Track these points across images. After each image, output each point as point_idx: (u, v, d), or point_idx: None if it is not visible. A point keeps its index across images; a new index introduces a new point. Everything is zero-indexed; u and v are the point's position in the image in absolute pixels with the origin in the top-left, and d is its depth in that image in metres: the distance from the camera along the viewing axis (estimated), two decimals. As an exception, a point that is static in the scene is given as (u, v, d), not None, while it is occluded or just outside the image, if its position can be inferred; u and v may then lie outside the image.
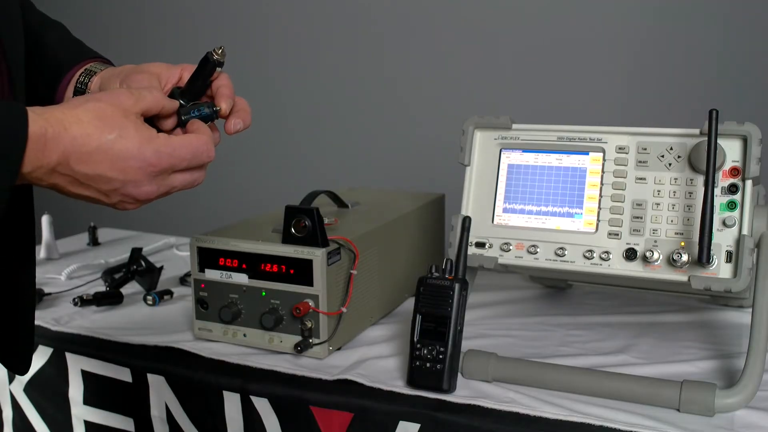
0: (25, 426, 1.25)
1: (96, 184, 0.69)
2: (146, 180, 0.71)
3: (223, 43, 0.90)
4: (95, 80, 0.89)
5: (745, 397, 0.88)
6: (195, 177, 0.76)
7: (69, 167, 0.66)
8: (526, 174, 1.06)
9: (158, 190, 0.73)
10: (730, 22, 2.10)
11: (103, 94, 0.72)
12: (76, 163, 0.67)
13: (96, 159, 0.67)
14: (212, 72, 0.84)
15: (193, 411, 1.08)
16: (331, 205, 1.36)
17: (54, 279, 1.52)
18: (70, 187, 0.69)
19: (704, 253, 0.90)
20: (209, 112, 0.81)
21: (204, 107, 0.81)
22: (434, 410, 0.93)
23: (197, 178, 0.77)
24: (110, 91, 0.74)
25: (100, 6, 3.03)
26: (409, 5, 2.49)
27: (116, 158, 0.68)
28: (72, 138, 0.66)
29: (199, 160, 0.75)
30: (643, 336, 1.15)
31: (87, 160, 0.67)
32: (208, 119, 0.81)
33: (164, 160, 0.71)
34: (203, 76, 0.84)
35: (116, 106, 0.70)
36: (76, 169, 0.67)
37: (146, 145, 0.70)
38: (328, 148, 2.71)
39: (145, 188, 0.71)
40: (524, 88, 2.34)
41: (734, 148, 0.95)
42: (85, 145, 0.66)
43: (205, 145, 0.75)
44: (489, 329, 1.19)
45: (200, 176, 0.77)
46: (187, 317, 1.26)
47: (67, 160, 0.66)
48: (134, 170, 0.69)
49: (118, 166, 0.68)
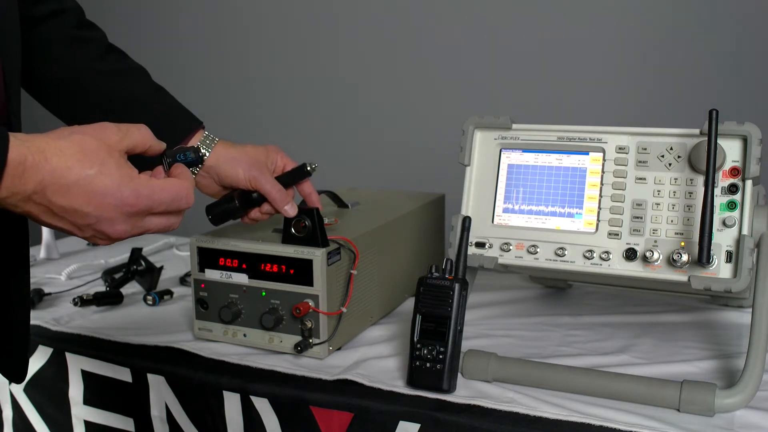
0: (25, 426, 1.25)
1: (71, 217, 0.68)
2: (121, 219, 0.70)
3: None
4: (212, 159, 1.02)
5: (745, 397, 0.88)
6: (171, 222, 0.75)
7: (45, 197, 0.66)
8: (526, 174, 1.06)
9: (131, 231, 0.72)
10: (730, 22, 2.10)
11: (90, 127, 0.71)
12: (53, 194, 0.66)
13: (73, 192, 0.66)
14: (303, 179, 1.09)
15: (193, 411, 1.08)
16: (331, 205, 1.36)
17: (54, 279, 1.52)
18: (43, 216, 0.68)
19: (704, 253, 0.90)
20: (194, 158, 0.80)
21: (190, 152, 0.80)
22: (434, 410, 0.93)
23: (173, 223, 0.76)
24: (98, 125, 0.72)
25: (99, 6, 3.03)
26: (409, 5, 2.49)
27: (93, 194, 0.67)
28: (52, 169, 0.65)
29: (177, 206, 0.74)
30: (643, 336, 1.15)
31: (64, 193, 0.66)
32: (192, 165, 0.81)
33: (142, 201, 0.70)
34: (294, 180, 1.09)
35: (101, 140, 0.69)
36: (52, 200, 0.66)
37: (126, 184, 0.69)
38: (328, 148, 2.70)
39: (119, 227, 0.71)
40: (524, 88, 2.34)
41: (734, 148, 0.95)
42: (64, 177, 0.66)
43: (185, 191, 0.74)
44: (489, 329, 1.19)
45: (176, 221, 0.76)
46: (187, 317, 1.26)
47: (43, 190, 0.65)
48: (110, 208, 0.69)
49: (94, 201, 0.68)
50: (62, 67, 1.00)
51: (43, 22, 0.98)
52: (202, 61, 2.81)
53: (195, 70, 2.80)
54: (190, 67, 2.81)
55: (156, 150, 0.77)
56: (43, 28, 0.98)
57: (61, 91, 1.00)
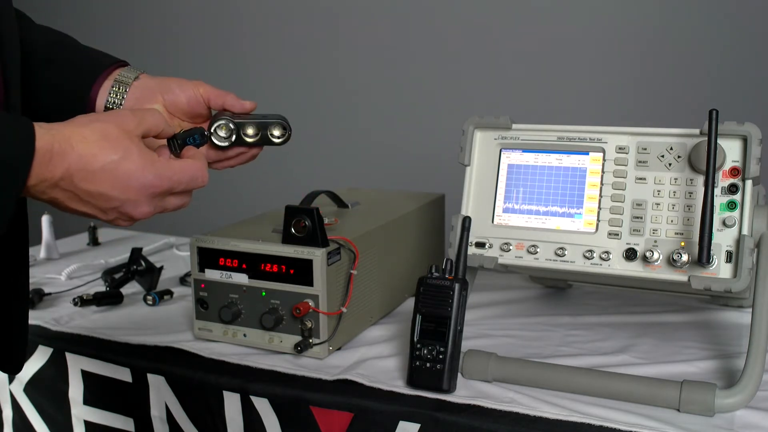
0: (25, 426, 1.25)
1: (96, 201, 0.71)
2: (145, 200, 0.74)
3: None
4: (131, 94, 0.94)
5: (745, 397, 0.88)
6: (185, 201, 0.80)
7: (72, 183, 0.69)
8: (526, 174, 1.06)
9: (153, 211, 0.76)
10: (730, 23, 2.10)
11: (107, 115, 0.76)
12: (80, 180, 0.69)
13: (99, 177, 0.70)
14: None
15: (193, 411, 1.08)
16: (331, 205, 1.36)
17: (54, 279, 1.52)
18: (68, 202, 0.71)
19: (704, 253, 0.90)
20: (200, 140, 0.85)
21: (197, 135, 0.85)
22: (434, 410, 0.93)
23: (187, 201, 0.81)
24: (114, 112, 0.77)
25: (98, 5, 3.03)
26: (409, 5, 2.49)
27: (119, 178, 0.71)
28: (78, 156, 0.68)
29: (195, 185, 0.79)
30: (643, 336, 1.15)
31: (91, 179, 0.69)
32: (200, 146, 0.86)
33: (164, 183, 0.74)
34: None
35: (121, 127, 0.73)
36: (79, 185, 0.69)
37: (149, 167, 0.73)
38: (328, 148, 2.71)
39: (143, 208, 0.74)
40: (524, 88, 2.34)
41: (734, 148, 0.95)
42: (90, 163, 0.69)
43: (201, 171, 0.79)
44: (489, 329, 1.19)
45: (189, 200, 0.81)
46: (187, 317, 1.26)
47: (71, 177, 0.68)
48: (135, 191, 0.72)
49: (120, 185, 0.71)
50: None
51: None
52: (200, 61, 2.81)
53: (194, 70, 2.80)
54: (189, 67, 2.81)
55: (167, 134, 0.81)
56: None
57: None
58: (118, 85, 0.94)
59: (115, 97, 0.94)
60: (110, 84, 0.94)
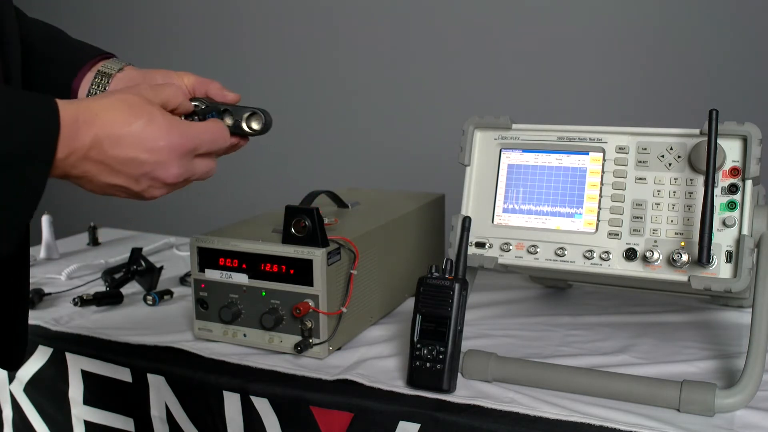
0: (25, 426, 1.25)
1: (127, 168, 0.72)
2: (174, 161, 0.75)
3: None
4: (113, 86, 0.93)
5: (745, 397, 0.88)
6: (211, 166, 0.81)
7: (102, 151, 0.69)
8: (526, 174, 1.06)
9: (183, 174, 0.77)
10: (730, 23, 2.10)
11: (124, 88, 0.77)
12: (110, 146, 0.69)
13: (127, 142, 0.70)
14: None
15: (193, 411, 1.08)
16: (331, 205, 1.36)
17: (54, 279, 1.52)
18: (100, 176, 0.71)
19: (704, 253, 0.90)
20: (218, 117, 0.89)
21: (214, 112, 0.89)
22: (434, 410, 0.93)
23: (212, 167, 0.82)
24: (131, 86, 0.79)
25: (98, 5, 3.03)
26: (409, 5, 2.49)
27: (147, 140, 0.72)
28: (103, 123, 0.69)
29: (218, 145, 0.81)
30: (643, 336, 1.15)
31: (120, 143, 0.70)
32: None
33: (189, 142, 0.76)
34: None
35: (140, 95, 0.74)
36: (109, 152, 0.69)
37: (174, 128, 0.74)
38: (328, 148, 2.71)
39: (173, 170, 0.75)
40: (524, 88, 2.34)
41: (734, 148, 0.95)
42: (117, 129, 0.70)
43: (222, 131, 0.82)
44: (489, 329, 1.19)
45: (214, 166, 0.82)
46: (187, 317, 1.26)
47: (100, 143, 0.68)
48: (164, 151, 0.73)
49: (148, 147, 0.72)
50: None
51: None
52: (200, 61, 2.81)
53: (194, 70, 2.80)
54: (189, 67, 2.80)
55: (185, 109, 0.83)
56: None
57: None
58: (101, 76, 0.93)
59: (97, 88, 0.92)
60: (92, 76, 0.93)
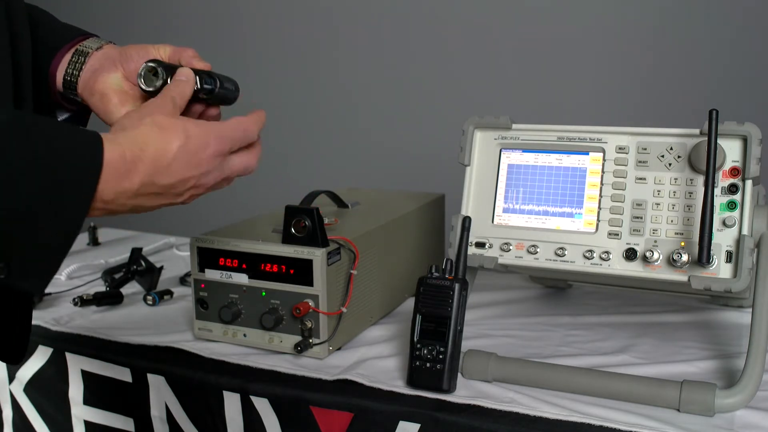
0: (25, 426, 1.25)
1: (174, 189, 0.73)
2: (215, 166, 0.75)
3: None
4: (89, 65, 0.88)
5: (745, 397, 0.88)
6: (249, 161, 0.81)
7: (153, 184, 0.69)
8: (526, 174, 1.06)
9: (222, 174, 0.77)
10: (730, 23, 2.10)
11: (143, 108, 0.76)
12: (160, 178, 0.70)
13: (175, 168, 0.71)
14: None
15: (193, 411, 1.08)
16: (331, 205, 1.36)
17: (54, 279, 1.51)
18: (149, 203, 0.72)
19: (704, 253, 0.90)
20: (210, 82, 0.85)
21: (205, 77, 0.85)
22: (434, 410, 0.93)
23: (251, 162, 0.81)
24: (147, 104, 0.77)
25: (98, 5, 3.03)
26: (409, 5, 2.49)
27: (192, 158, 0.72)
28: (151, 158, 0.69)
29: (249, 138, 0.80)
30: (643, 336, 1.15)
31: (169, 171, 0.70)
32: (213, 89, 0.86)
33: (226, 143, 0.76)
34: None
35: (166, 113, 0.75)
36: (159, 183, 0.70)
37: (210, 132, 0.74)
38: (328, 148, 2.71)
39: (214, 174, 0.76)
40: (524, 88, 2.34)
41: (734, 148, 0.95)
42: (164, 158, 0.70)
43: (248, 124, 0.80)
44: (489, 329, 1.19)
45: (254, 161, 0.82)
46: (187, 317, 1.26)
47: (151, 179, 0.69)
48: (206, 161, 0.74)
49: (192, 164, 0.72)
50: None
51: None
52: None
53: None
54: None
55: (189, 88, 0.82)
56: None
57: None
58: (78, 55, 0.88)
59: (73, 68, 0.88)
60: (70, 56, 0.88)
